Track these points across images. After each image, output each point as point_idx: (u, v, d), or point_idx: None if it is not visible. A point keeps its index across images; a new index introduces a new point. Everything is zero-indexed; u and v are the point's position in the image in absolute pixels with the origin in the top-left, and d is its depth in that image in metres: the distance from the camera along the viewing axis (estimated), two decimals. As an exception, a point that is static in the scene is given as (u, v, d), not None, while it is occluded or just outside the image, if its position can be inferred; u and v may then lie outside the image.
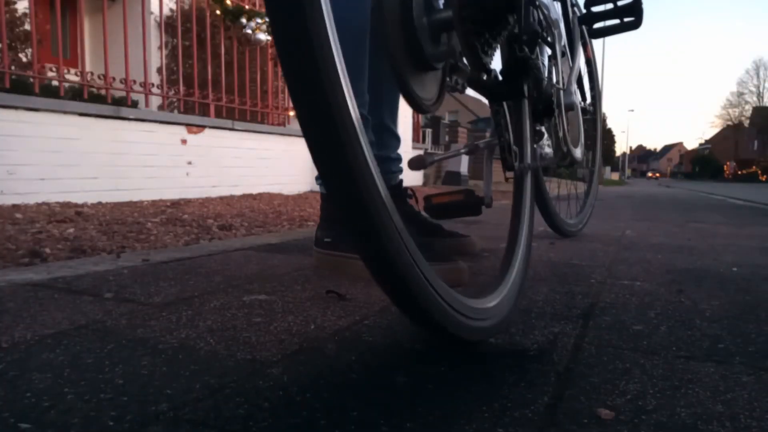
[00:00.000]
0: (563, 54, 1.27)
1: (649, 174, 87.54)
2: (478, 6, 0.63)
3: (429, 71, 0.65)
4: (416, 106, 0.63)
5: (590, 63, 1.91)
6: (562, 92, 1.15)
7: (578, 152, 1.34)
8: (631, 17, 1.45)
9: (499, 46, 0.72)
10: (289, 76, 0.45)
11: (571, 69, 1.37)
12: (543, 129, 1.06)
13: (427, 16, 0.62)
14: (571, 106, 1.25)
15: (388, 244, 0.50)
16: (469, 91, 0.78)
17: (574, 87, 1.37)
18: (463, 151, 0.91)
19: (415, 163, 0.83)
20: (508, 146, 0.86)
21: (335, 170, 0.48)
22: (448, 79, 0.69)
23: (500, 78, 0.78)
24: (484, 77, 0.74)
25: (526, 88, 0.84)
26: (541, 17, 1.00)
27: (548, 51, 1.14)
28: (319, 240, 1.15)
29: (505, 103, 0.86)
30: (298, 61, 0.44)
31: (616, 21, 1.49)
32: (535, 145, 0.95)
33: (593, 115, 1.89)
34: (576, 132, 1.35)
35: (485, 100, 0.83)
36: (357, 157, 0.47)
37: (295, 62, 0.44)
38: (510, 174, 0.90)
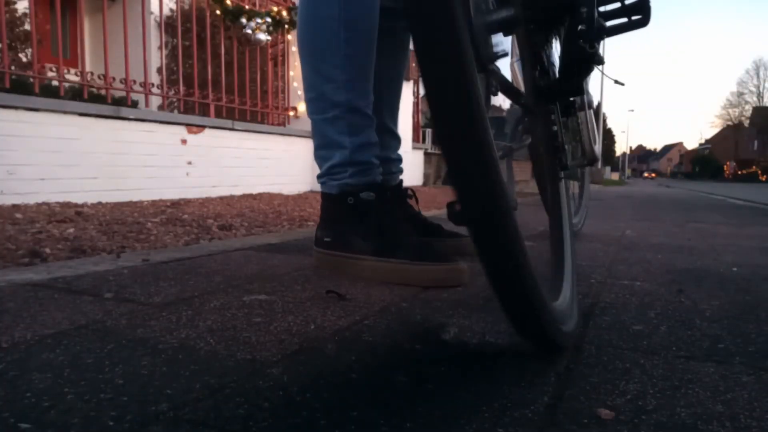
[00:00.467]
0: None
1: (645, 174, 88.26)
2: (542, 5, 0.63)
3: (479, 73, 0.65)
4: None
5: None
6: (585, 91, 1.15)
7: (597, 150, 1.35)
8: (638, 15, 1.45)
9: (554, 43, 0.72)
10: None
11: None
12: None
13: (485, 17, 0.61)
14: (590, 104, 1.26)
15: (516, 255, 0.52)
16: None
17: (589, 85, 1.37)
18: (499, 155, 0.91)
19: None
20: (562, 146, 0.85)
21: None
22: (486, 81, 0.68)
23: (552, 77, 0.77)
24: (537, 76, 0.74)
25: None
26: None
27: None
28: (319, 240, 1.15)
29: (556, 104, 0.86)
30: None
31: (624, 19, 1.49)
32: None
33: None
34: (593, 130, 1.35)
35: (507, 102, 0.82)
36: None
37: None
38: (547, 175, 0.90)
